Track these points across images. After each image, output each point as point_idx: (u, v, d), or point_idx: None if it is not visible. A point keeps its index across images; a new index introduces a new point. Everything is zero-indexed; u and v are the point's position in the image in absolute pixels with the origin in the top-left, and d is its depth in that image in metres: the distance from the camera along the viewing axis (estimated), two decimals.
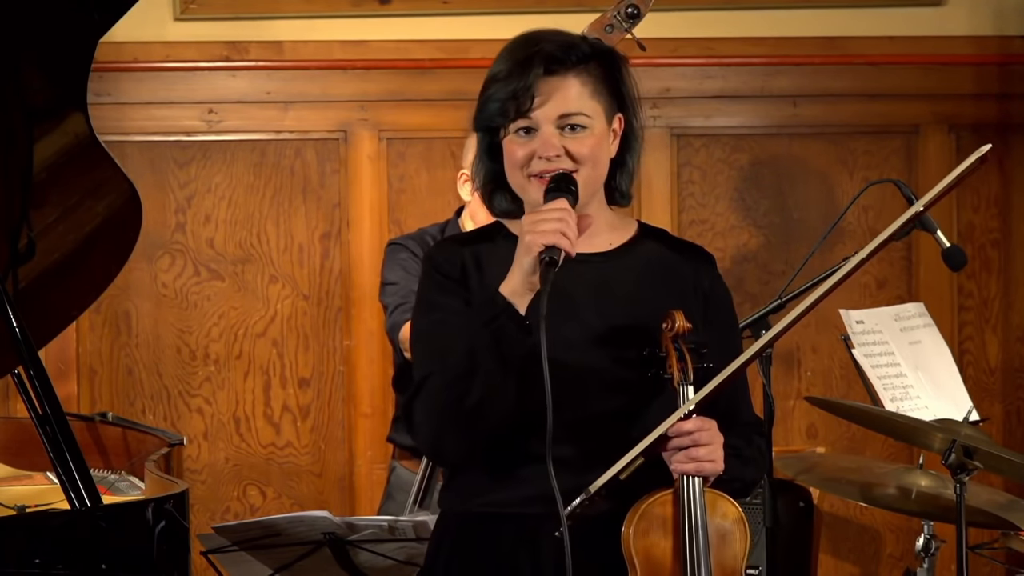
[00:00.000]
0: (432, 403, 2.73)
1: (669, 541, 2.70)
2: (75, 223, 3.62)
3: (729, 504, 2.76)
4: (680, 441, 2.70)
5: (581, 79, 2.78)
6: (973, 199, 5.34)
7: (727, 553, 2.74)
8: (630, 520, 2.71)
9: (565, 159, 2.76)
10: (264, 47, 5.27)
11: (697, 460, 2.70)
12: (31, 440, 3.52)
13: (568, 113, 2.76)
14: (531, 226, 2.67)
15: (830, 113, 5.33)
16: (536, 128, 2.76)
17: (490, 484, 2.78)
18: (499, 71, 2.79)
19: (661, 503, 2.71)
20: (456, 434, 2.72)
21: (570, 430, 2.72)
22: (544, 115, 2.76)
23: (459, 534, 2.83)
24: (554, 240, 2.65)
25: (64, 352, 5.23)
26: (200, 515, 5.11)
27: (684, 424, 2.70)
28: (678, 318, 2.72)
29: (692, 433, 2.70)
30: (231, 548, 3.65)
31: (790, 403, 5.28)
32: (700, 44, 5.29)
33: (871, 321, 4.13)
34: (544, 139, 2.76)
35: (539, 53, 2.77)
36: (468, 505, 2.81)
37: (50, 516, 3.29)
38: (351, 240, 5.25)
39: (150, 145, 5.29)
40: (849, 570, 5.36)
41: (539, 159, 2.76)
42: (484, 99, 2.79)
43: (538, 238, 2.65)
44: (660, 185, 5.30)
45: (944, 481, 3.74)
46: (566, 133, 2.76)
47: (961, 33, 5.30)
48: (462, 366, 2.69)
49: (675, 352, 2.72)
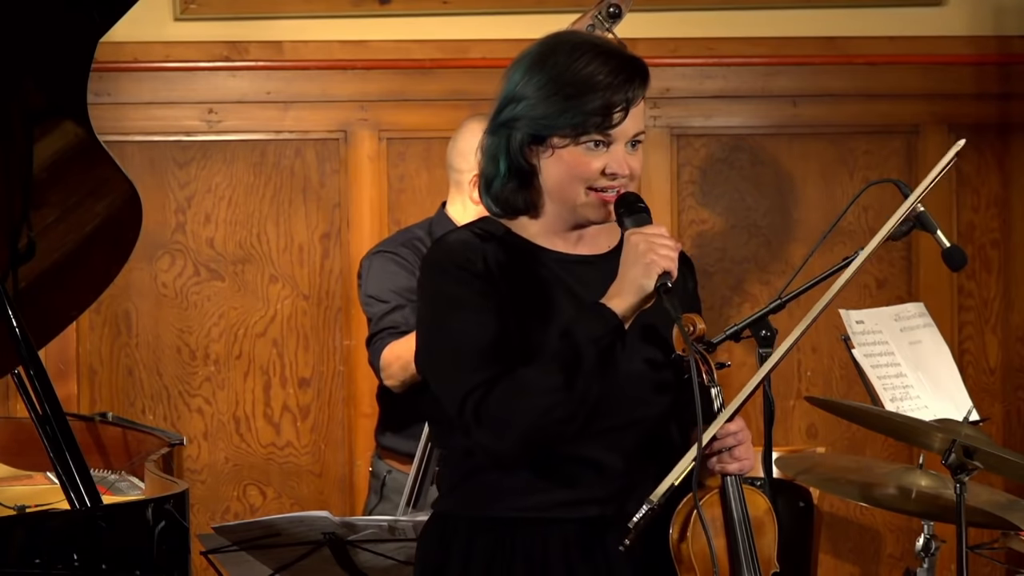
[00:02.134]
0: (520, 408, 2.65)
1: (721, 541, 2.75)
2: (75, 223, 3.62)
3: (759, 496, 2.81)
4: (726, 442, 2.74)
5: (644, 99, 2.77)
6: (973, 199, 5.34)
7: (763, 543, 2.80)
8: (684, 525, 2.73)
9: (627, 178, 2.76)
10: (264, 47, 5.27)
11: (740, 460, 2.75)
12: (31, 440, 3.52)
13: (640, 132, 2.76)
14: (650, 248, 2.67)
15: (830, 113, 5.33)
16: (610, 143, 2.74)
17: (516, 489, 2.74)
18: (596, 77, 2.72)
19: (709, 504, 2.75)
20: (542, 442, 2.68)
21: (602, 435, 2.72)
22: (624, 132, 2.73)
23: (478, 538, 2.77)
24: (671, 266, 2.67)
25: (64, 352, 5.23)
26: (200, 515, 5.11)
27: (730, 426, 2.73)
28: (698, 322, 2.73)
29: (736, 434, 2.74)
30: (231, 548, 3.65)
31: (790, 403, 5.28)
32: (700, 44, 5.29)
33: (871, 321, 4.13)
34: (618, 157, 2.73)
35: (639, 69, 2.75)
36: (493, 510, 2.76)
37: (50, 516, 3.29)
38: (351, 240, 5.25)
39: (150, 145, 5.29)
40: (849, 570, 5.36)
41: (606, 175, 2.73)
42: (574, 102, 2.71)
43: (660, 261, 2.66)
44: (660, 185, 5.30)
45: (944, 481, 3.74)
46: (630, 150, 2.76)
47: (961, 33, 5.31)
48: (557, 378, 2.64)
49: (698, 355, 2.74)
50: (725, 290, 5.31)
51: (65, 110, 3.42)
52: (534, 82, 2.74)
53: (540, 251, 2.81)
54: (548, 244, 2.82)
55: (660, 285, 2.66)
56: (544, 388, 2.65)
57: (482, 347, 2.70)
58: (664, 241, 2.69)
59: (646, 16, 5.26)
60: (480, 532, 2.77)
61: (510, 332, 2.70)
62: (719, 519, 2.75)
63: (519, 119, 2.75)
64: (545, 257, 2.80)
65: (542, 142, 2.75)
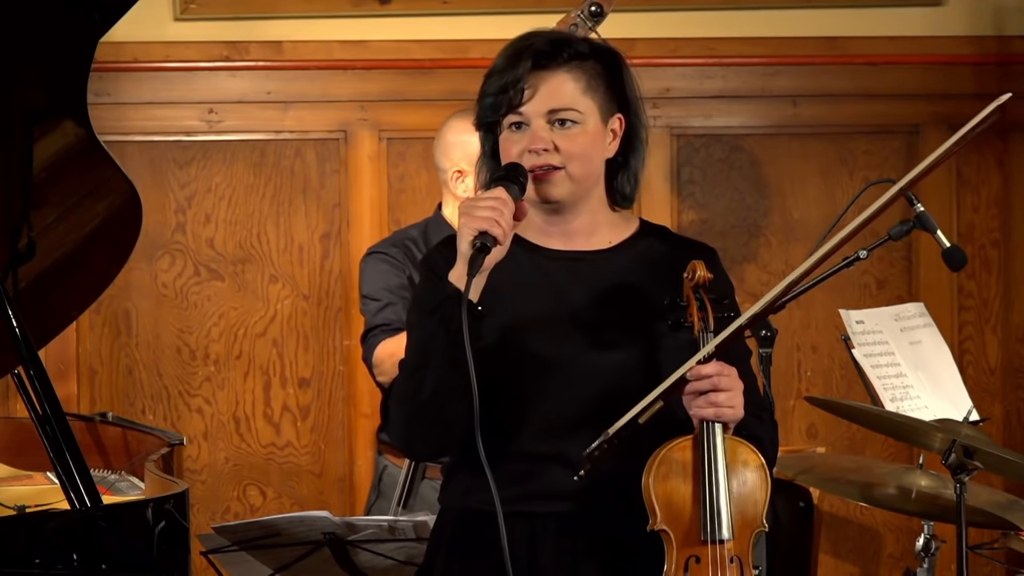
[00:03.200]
0: (397, 398, 2.76)
1: (689, 486, 2.70)
2: (75, 223, 3.62)
3: (750, 451, 2.76)
4: (699, 385, 2.70)
5: (573, 75, 2.79)
6: (973, 199, 5.34)
7: (748, 499, 2.74)
8: (650, 466, 2.71)
9: (553, 154, 2.77)
10: (264, 47, 5.27)
11: (716, 405, 2.69)
12: (31, 440, 3.52)
13: (557, 108, 2.77)
14: (466, 211, 2.68)
15: (830, 113, 5.32)
16: (528, 123, 2.78)
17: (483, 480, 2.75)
18: (493, 67, 2.81)
19: (681, 448, 2.72)
20: (418, 427, 2.74)
21: (569, 427, 2.73)
22: (534, 109, 2.77)
23: (454, 531, 2.83)
24: (486, 226, 2.65)
25: (64, 352, 5.23)
26: (200, 515, 5.11)
27: (703, 368, 2.69)
28: (699, 267, 2.74)
29: (711, 377, 2.69)
30: (231, 548, 3.65)
31: (790, 403, 5.28)
32: (700, 44, 5.29)
33: (871, 321, 4.13)
34: (533, 133, 2.77)
35: (529, 48, 2.79)
36: (463, 501, 2.81)
37: (50, 516, 3.29)
38: (351, 240, 5.24)
39: (150, 145, 5.29)
40: (849, 570, 5.36)
41: (529, 153, 2.77)
42: (479, 96, 2.82)
43: (471, 223, 2.66)
44: (660, 185, 5.30)
45: (944, 481, 3.74)
46: (556, 128, 2.78)
47: (961, 33, 5.30)
48: (416, 358, 2.71)
49: (696, 301, 2.73)
50: None
51: (65, 110, 3.41)
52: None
53: (535, 249, 2.85)
54: (543, 242, 2.85)
55: (477, 245, 2.65)
56: (402, 377, 2.74)
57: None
58: (483, 203, 2.68)
59: (646, 16, 5.26)
60: (460, 524, 2.83)
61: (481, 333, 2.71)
62: (691, 464, 2.70)
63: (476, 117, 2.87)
64: (539, 255, 2.84)
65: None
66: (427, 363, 2.69)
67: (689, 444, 2.71)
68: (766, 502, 2.75)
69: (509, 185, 2.72)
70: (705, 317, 2.72)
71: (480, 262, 2.64)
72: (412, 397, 2.72)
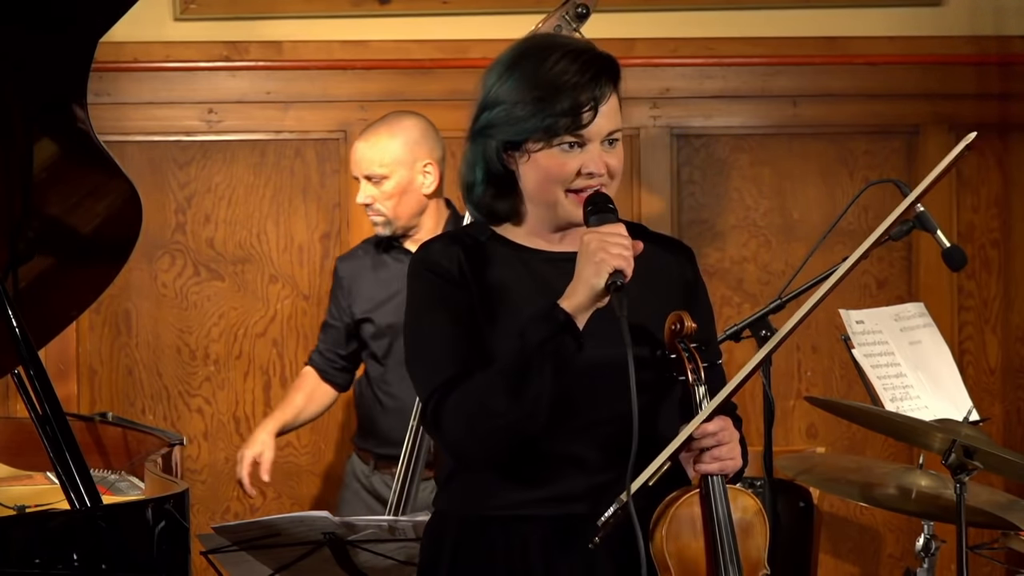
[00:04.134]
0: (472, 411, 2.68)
1: (700, 541, 2.73)
2: (75, 223, 3.62)
3: (748, 498, 2.79)
4: (705, 442, 2.71)
5: (616, 93, 2.75)
6: (973, 199, 5.34)
7: (751, 545, 2.77)
8: (660, 524, 2.72)
9: (606, 177, 2.74)
10: (264, 47, 5.27)
11: (721, 460, 2.71)
12: (31, 440, 3.52)
13: (615, 130, 2.74)
14: (602, 247, 2.64)
15: (830, 113, 5.33)
16: (584, 143, 2.73)
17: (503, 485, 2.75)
18: (564, 77, 2.71)
19: (688, 504, 2.73)
20: (500, 443, 2.69)
21: (583, 431, 2.73)
22: (597, 131, 2.72)
23: (458, 536, 2.80)
24: (624, 265, 2.64)
25: (64, 352, 5.23)
26: (200, 515, 5.11)
27: (708, 426, 2.70)
28: (686, 319, 2.73)
29: (716, 434, 2.71)
30: (231, 548, 3.66)
31: (790, 403, 5.28)
32: (700, 44, 5.29)
33: (871, 321, 4.13)
34: (594, 156, 2.72)
35: (607, 66, 2.73)
36: (476, 507, 2.78)
37: (50, 516, 3.29)
38: (351, 240, 5.24)
39: (150, 145, 5.29)
40: (849, 570, 5.36)
41: (583, 176, 2.72)
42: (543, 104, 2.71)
43: (611, 260, 2.63)
44: (660, 185, 5.30)
45: (944, 481, 3.74)
46: (606, 148, 2.74)
47: (961, 33, 5.30)
48: (508, 380, 2.66)
49: (685, 353, 2.73)
50: (725, 290, 5.31)
51: (65, 110, 3.41)
52: (506, 87, 2.75)
53: (524, 251, 2.82)
54: (532, 244, 2.83)
55: (611, 283, 2.63)
56: (493, 392, 2.66)
57: (446, 351, 2.73)
58: (618, 240, 2.65)
59: (646, 16, 5.26)
60: (466, 529, 2.79)
61: (476, 335, 2.71)
62: (700, 519, 2.73)
63: (494, 126, 2.76)
64: (529, 257, 2.82)
65: (518, 147, 2.75)
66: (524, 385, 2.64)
67: (695, 499, 2.74)
68: (766, 544, 2.80)
69: (615, 218, 2.70)
70: (696, 369, 2.73)
71: (625, 301, 2.61)
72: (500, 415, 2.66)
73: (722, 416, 2.73)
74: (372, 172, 4.48)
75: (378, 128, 4.53)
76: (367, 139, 4.52)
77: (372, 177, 4.48)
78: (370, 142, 4.50)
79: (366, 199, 4.51)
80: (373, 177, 4.48)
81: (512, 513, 2.75)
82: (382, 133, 4.50)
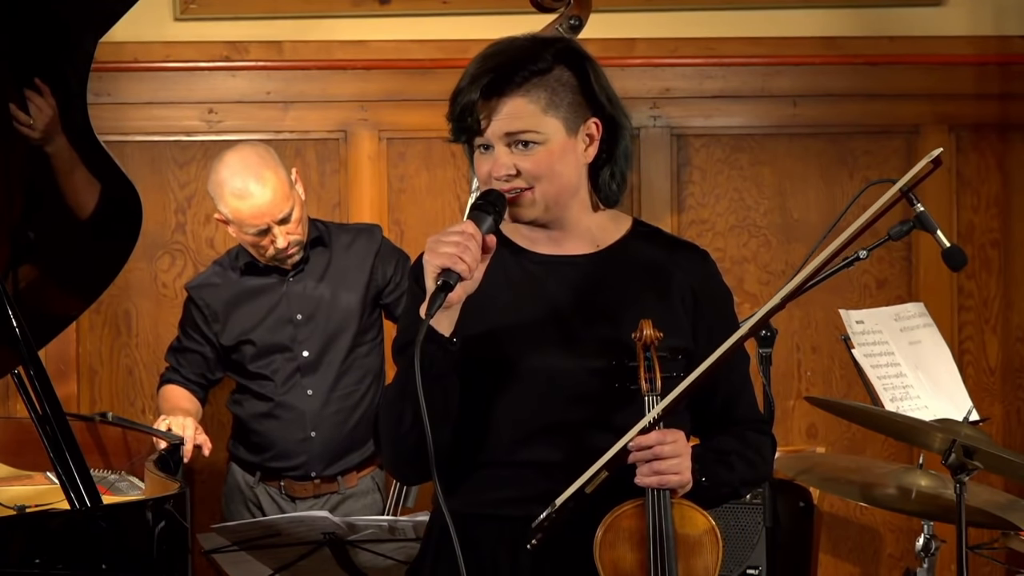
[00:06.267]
0: (381, 428, 2.76)
1: (636, 554, 2.69)
2: (75, 223, 3.62)
3: (699, 515, 2.73)
4: (641, 455, 2.68)
5: (530, 96, 2.72)
6: (973, 199, 5.34)
7: (697, 564, 2.72)
8: (599, 533, 2.70)
9: (518, 177, 2.73)
10: (264, 47, 5.27)
11: (660, 473, 2.68)
12: (31, 440, 3.52)
13: (514, 131, 2.72)
14: (431, 247, 2.64)
15: (830, 113, 5.32)
16: (491, 145, 2.74)
17: (468, 485, 2.78)
18: (457, 87, 2.77)
19: (629, 516, 2.70)
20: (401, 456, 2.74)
21: (546, 435, 2.73)
22: (493, 133, 2.73)
23: (442, 533, 2.81)
24: (449, 263, 2.60)
25: (64, 352, 5.23)
26: (200, 515, 5.11)
27: (644, 438, 2.68)
28: (646, 327, 2.70)
29: (652, 447, 2.67)
30: (231, 548, 3.66)
31: (790, 403, 5.28)
32: (700, 44, 5.29)
33: (871, 321, 4.13)
34: (495, 158, 2.74)
35: (483, 73, 2.74)
36: (459, 504, 2.78)
37: (50, 516, 3.29)
38: None
39: (150, 145, 5.29)
40: (849, 570, 5.36)
41: (494, 179, 2.73)
42: (448, 114, 2.78)
43: (434, 259, 2.62)
44: (660, 185, 5.30)
45: (944, 481, 3.74)
46: (517, 150, 2.73)
47: (961, 33, 5.30)
48: (393, 392, 2.72)
49: (644, 362, 2.70)
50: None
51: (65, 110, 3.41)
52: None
53: (524, 253, 2.83)
54: (531, 246, 2.83)
55: (442, 282, 2.60)
56: (387, 405, 2.73)
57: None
58: (450, 239, 2.63)
59: (646, 16, 5.26)
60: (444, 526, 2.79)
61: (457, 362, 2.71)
62: (640, 532, 2.69)
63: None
64: (527, 259, 2.82)
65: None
66: (404, 397, 2.66)
67: (638, 511, 2.70)
68: (717, 565, 2.74)
69: (482, 216, 2.67)
70: (652, 379, 2.69)
71: (441, 300, 2.59)
72: (393, 427, 2.71)
73: (671, 430, 2.69)
74: (282, 212, 4.36)
75: (249, 174, 4.34)
76: (257, 187, 4.33)
77: (284, 217, 4.37)
78: (262, 187, 4.34)
79: (284, 242, 4.38)
80: (285, 216, 4.37)
81: (488, 512, 2.77)
82: (263, 174, 4.35)
